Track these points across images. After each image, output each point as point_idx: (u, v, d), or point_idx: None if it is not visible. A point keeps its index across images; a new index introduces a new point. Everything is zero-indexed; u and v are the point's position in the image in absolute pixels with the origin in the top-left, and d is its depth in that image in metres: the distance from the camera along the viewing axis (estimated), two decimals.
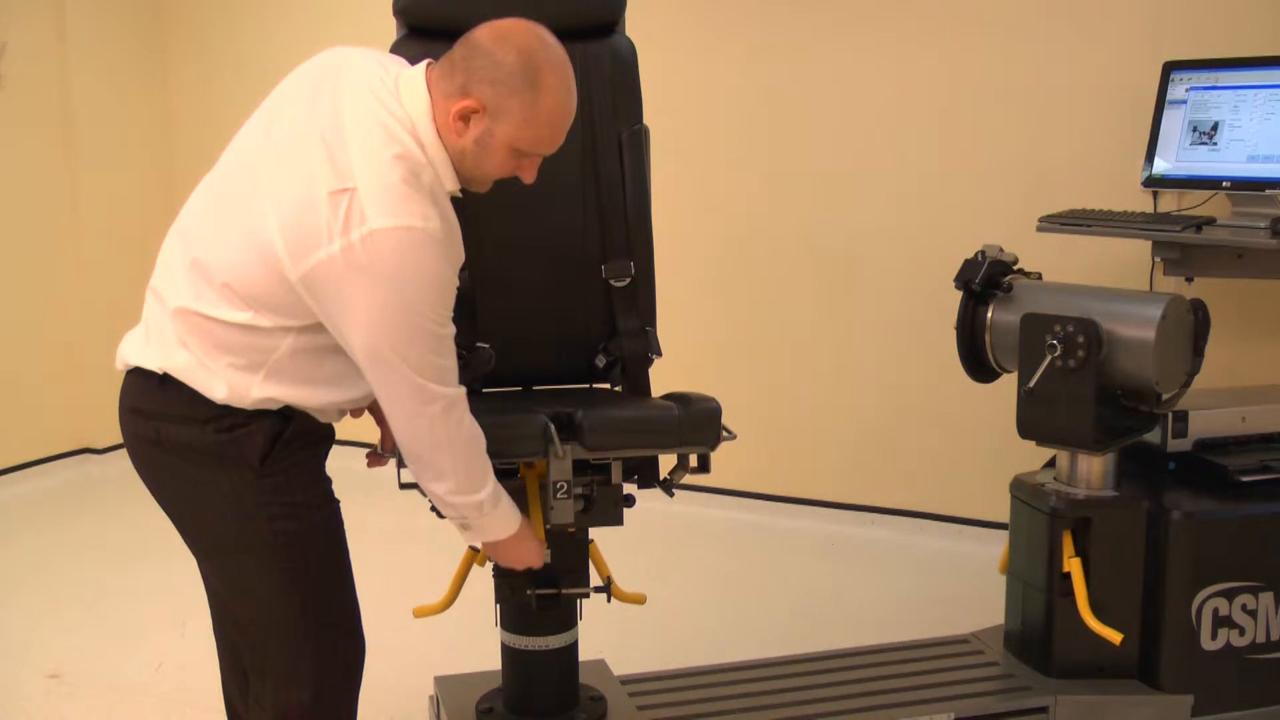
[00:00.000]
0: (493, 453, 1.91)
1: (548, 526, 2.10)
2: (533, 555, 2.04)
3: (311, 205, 1.67)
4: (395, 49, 2.25)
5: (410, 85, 1.80)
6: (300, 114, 1.78)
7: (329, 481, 1.93)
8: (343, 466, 2.13)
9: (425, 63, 1.83)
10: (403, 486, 2.05)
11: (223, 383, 1.77)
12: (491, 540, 1.99)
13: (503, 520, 1.96)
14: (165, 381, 1.80)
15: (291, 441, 1.83)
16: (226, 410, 1.78)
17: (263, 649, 1.91)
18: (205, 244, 1.78)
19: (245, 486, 1.80)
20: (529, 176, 1.87)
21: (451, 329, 1.78)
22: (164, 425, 1.82)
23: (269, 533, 1.82)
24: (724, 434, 2.13)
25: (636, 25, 2.43)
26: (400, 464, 1.97)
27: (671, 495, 2.27)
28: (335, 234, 1.66)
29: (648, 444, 2.16)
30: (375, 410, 2.03)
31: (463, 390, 1.82)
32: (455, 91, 1.77)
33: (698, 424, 2.10)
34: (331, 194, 1.67)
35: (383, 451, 2.14)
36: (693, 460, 2.19)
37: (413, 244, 1.67)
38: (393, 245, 1.66)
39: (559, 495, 2.05)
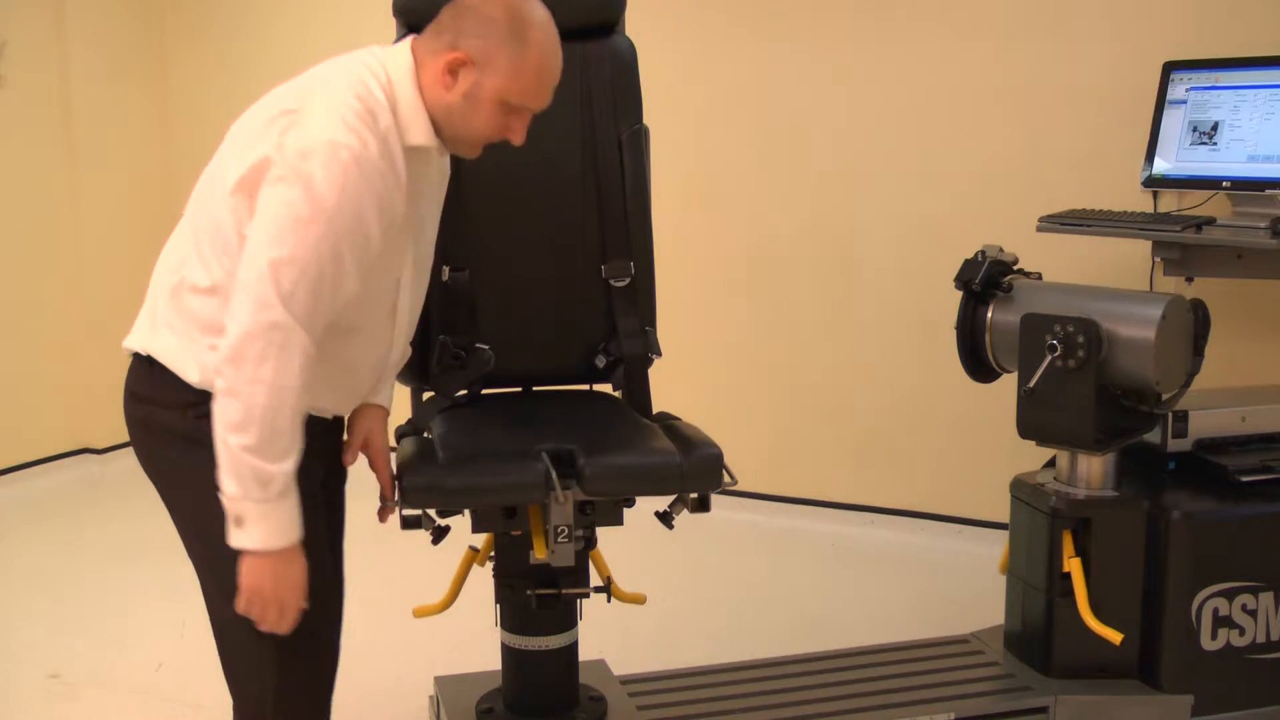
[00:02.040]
0: (494, 498, 1.87)
1: (548, 563, 2.07)
2: (293, 590, 1.72)
3: (259, 129, 1.72)
4: None
5: (394, 49, 1.83)
6: (276, 90, 1.82)
7: (316, 477, 1.84)
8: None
9: (411, 36, 1.86)
10: (405, 527, 2.05)
11: (196, 365, 1.75)
12: (260, 548, 1.69)
13: (283, 524, 1.70)
14: (152, 365, 1.79)
15: None
16: (205, 395, 1.72)
17: (226, 644, 1.84)
18: (196, 223, 1.79)
19: None
20: (518, 137, 1.85)
21: (346, 273, 1.69)
22: (153, 409, 1.81)
23: None
24: (726, 479, 2.12)
25: (636, 25, 2.43)
26: (402, 506, 1.97)
27: (671, 528, 2.25)
28: (270, 141, 1.69)
29: (649, 490, 2.13)
30: (371, 453, 2.02)
31: (309, 341, 1.68)
32: (443, 47, 1.79)
33: (699, 471, 2.09)
34: (281, 114, 1.71)
35: (384, 501, 2.06)
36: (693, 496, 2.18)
37: (338, 159, 1.66)
38: (318, 155, 1.66)
39: (560, 540, 2.02)
